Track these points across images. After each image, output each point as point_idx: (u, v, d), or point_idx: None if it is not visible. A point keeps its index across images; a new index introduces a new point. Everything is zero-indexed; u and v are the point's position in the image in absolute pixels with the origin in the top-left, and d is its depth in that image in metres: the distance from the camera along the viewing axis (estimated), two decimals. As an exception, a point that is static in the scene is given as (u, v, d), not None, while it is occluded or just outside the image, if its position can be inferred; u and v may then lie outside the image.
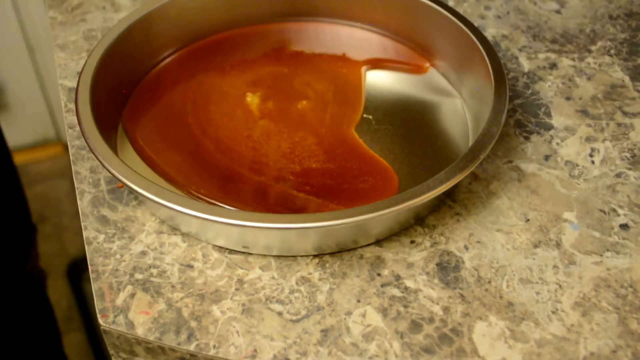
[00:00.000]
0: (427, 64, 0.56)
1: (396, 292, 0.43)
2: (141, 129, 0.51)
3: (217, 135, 0.51)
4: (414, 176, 0.48)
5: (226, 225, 0.41)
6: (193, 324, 0.41)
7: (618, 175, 0.48)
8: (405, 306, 0.42)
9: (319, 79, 0.55)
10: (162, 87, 0.54)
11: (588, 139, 0.50)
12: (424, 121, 0.52)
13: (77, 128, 0.52)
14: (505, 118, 0.46)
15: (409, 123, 0.52)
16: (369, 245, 0.45)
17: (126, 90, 0.53)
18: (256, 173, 0.48)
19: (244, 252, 0.44)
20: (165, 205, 0.41)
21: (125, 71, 0.53)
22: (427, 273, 0.43)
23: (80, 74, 0.49)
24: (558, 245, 0.45)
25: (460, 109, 0.53)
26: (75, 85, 0.48)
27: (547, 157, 0.49)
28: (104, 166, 0.44)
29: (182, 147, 0.50)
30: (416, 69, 0.56)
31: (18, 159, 1.28)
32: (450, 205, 0.47)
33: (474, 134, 0.50)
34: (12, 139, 1.26)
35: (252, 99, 0.53)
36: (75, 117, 0.52)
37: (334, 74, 0.56)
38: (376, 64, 0.57)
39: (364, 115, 0.53)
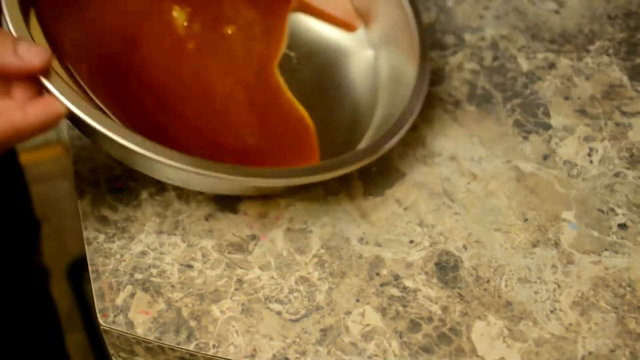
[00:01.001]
0: (359, 25, 0.55)
1: (395, 291, 0.43)
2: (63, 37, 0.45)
3: (142, 65, 0.47)
4: (328, 123, 0.49)
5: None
6: (193, 323, 0.41)
7: (616, 175, 0.48)
8: (404, 306, 0.42)
9: (248, 5, 0.52)
10: None
11: (586, 139, 0.51)
12: (339, 70, 0.53)
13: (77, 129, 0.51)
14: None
15: (327, 68, 0.52)
16: (367, 244, 0.45)
17: None
18: (178, 121, 0.46)
19: (243, 252, 0.45)
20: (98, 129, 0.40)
21: None
22: (426, 273, 0.44)
23: None
24: (556, 244, 0.45)
25: (372, 66, 0.53)
26: None
27: (545, 157, 0.49)
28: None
29: (108, 77, 0.46)
30: (346, 26, 0.54)
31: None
32: (449, 205, 0.47)
33: (387, 92, 0.51)
34: (13, 140, 1.26)
35: (180, 15, 0.49)
36: None
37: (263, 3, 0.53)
38: (306, 9, 0.54)
39: (287, 52, 0.52)
